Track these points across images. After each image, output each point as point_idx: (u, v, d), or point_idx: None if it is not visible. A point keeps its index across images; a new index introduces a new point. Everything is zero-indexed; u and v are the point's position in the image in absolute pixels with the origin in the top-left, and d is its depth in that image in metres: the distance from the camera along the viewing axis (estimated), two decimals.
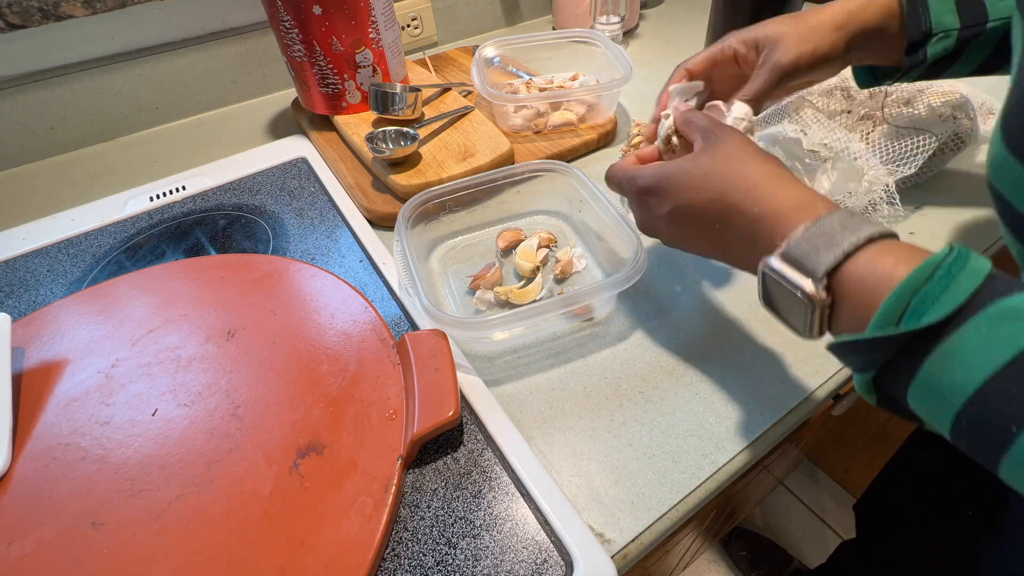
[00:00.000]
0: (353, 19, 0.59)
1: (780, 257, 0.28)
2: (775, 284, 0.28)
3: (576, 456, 0.38)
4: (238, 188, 0.62)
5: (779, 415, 0.40)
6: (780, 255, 0.28)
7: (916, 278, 0.23)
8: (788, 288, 0.27)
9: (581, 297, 0.42)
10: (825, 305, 0.26)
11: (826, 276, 0.26)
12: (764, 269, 0.29)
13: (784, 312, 0.30)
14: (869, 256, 0.25)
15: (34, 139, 0.70)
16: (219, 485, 0.34)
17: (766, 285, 0.30)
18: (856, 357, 0.25)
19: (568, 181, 0.53)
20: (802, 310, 0.27)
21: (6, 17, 0.61)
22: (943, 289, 0.22)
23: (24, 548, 0.31)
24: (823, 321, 0.27)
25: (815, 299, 0.26)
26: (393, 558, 0.33)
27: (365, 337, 0.41)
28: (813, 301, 0.26)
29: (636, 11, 0.94)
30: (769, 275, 0.28)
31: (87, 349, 0.42)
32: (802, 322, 0.28)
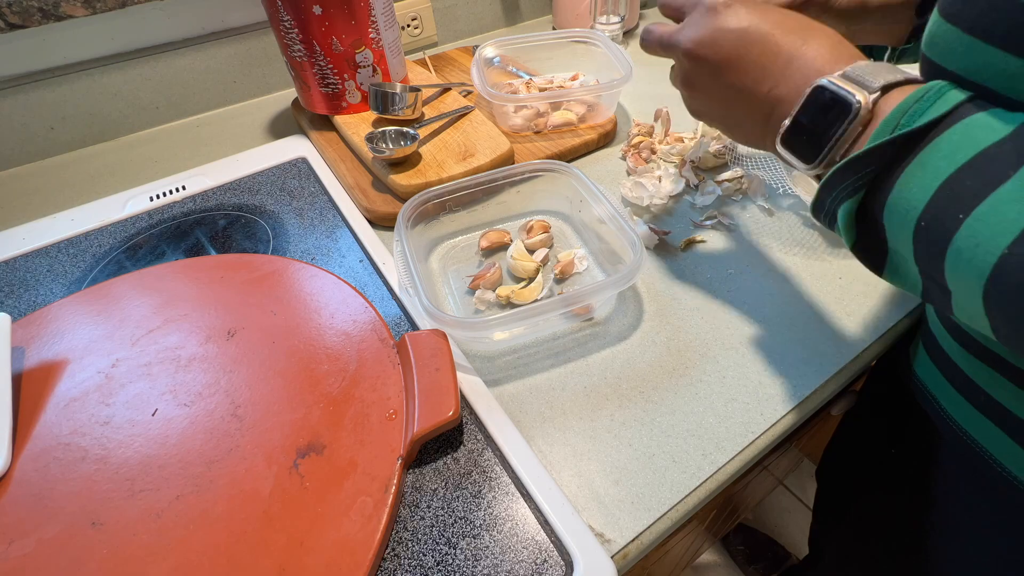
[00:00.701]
0: (353, 19, 0.59)
1: (841, 76, 0.29)
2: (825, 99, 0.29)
3: (576, 456, 0.38)
4: (238, 188, 0.62)
5: (779, 415, 0.40)
6: (841, 74, 0.29)
7: (910, 98, 0.26)
8: (842, 96, 0.28)
9: (581, 297, 0.42)
10: (866, 119, 0.28)
11: (881, 90, 0.28)
12: (819, 83, 0.30)
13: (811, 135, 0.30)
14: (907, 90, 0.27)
15: (34, 139, 0.70)
16: (219, 485, 0.34)
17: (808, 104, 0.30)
18: (855, 175, 0.27)
19: (568, 181, 0.53)
20: (838, 124, 0.29)
21: (6, 17, 0.61)
22: (930, 104, 0.25)
23: (24, 548, 0.31)
24: (847, 140, 0.29)
25: (863, 107, 0.28)
26: (393, 558, 0.33)
27: (365, 337, 0.41)
28: (861, 107, 0.28)
29: (636, 11, 0.94)
30: (824, 89, 0.29)
31: (87, 349, 0.42)
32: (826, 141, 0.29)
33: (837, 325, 0.46)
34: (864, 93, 0.28)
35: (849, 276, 0.49)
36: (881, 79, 0.28)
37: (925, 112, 0.25)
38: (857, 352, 0.44)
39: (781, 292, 0.48)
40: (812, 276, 0.49)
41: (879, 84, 0.28)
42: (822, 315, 0.46)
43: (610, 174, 0.63)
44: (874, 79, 0.28)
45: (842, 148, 0.29)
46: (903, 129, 0.25)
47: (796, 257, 0.51)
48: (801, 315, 0.46)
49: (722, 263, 0.51)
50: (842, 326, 0.45)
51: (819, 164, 0.30)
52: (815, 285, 0.49)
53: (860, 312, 0.46)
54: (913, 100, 0.26)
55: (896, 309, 0.47)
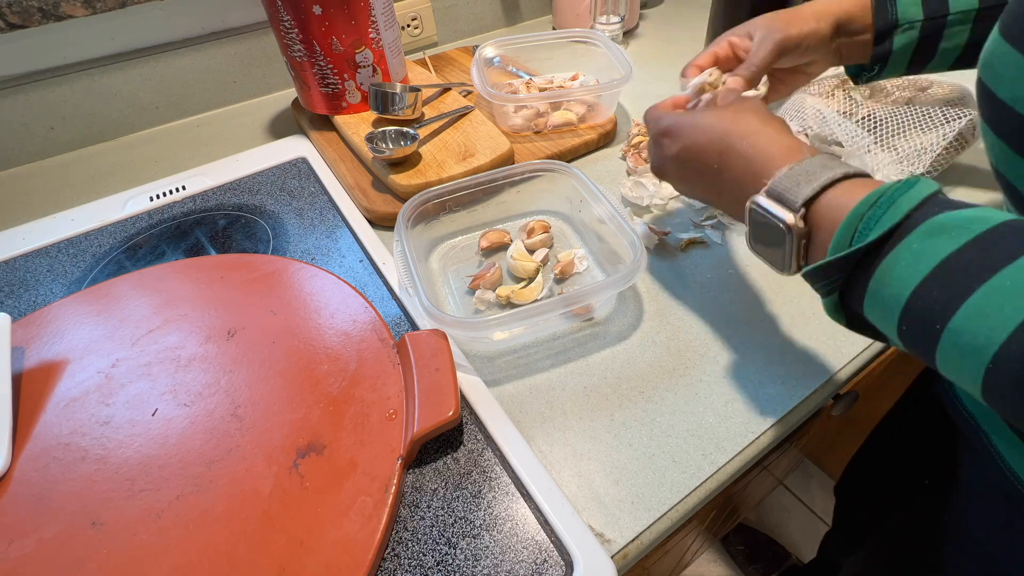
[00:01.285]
0: (353, 19, 0.59)
1: (765, 193, 0.31)
2: (760, 219, 0.31)
3: (576, 456, 0.38)
4: (238, 188, 0.62)
5: (779, 415, 0.40)
6: (765, 192, 0.31)
7: (864, 204, 0.26)
8: (772, 221, 0.30)
9: (581, 297, 0.42)
10: (802, 235, 0.29)
11: (804, 206, 0.29)
12: (751, 206, 0.32)
13: (767, 247, 0.32)
14: (841, 190, 0.28)
15: (34, 139, 0.70)
16: (219, 485, 0.34)
17: (753, 222, 0.32)
18: (823, 281, 0.29)
19: (568, 181, 0.53)
20: (783, 242, 0.30)
21: (6, 17, 0.61)
22: (883, 212, 0.26)
23: (24, 548, 0.31)
24: (799, 252, 0.30)
25: (794, 228, 0.29)
26: (393, 558, 0.33)
27: (365, 337, 0.41)
28: (792, 231, 0.29)
29: (636, 11, 0.94)
30: (756, 210, 0.31)
31: (87, 349, 0.42)
32: (782, 255, 0.31)
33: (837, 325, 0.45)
34: (789, 214, 0.29)
35: None
36: (801, 192, 0.29)
37: (879, 219, 0.26)
38: (857, 352, 0.44)
39: (781, 292, 0.48)
40: None
41: (801, 201, 0.29)
42: (822, 315, 0.46)
43: (610, 174, 0.63)
44: (794, 194, 0.29)
45: (799, 258, 0.31)
46: (858, 242, 0.26)
47: None
48: (801, 315, 0.46)
49: (722, 263, 0.51)
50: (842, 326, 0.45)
51: (788, 272, 0.32)
52: None
53: None
54: (865, 208, 0.26)
55: None
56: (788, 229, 0.29)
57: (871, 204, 0.26)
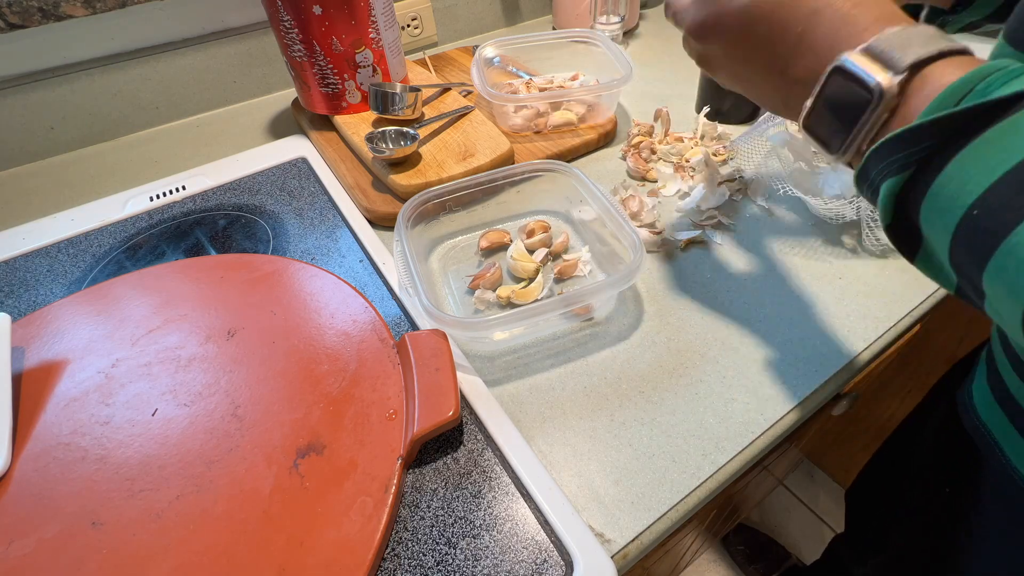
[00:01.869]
0: (353, 19, 0.59)
1: (862, 51, 0.25)
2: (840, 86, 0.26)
3: (576, 456, 0.38)
4: (238, 188, 0.62)
5: (779, 415, 0.40)
6: (863, 48, 0.25)
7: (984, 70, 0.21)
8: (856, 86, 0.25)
9: (581, 297, 0.42)
10: (892, 105, 0.24)
11: (909, 69, 0.23)
12: (836, 65, 0.26)
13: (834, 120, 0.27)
14: (957, 64, 0.23)
15: (34, 139, 0.70)
16: (219, 485, 0.34)
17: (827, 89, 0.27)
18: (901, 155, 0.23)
19: (568, 181, 0.53)
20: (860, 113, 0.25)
21: (6, 17, 0.61)
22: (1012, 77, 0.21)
23: (24, 548, 0.31)
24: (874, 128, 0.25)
25: (887, 92, 0.24)
26: (393, 558, 0.33)
27: (365, 337, 0.41)
28: (884, 95, 0.24)
29: (636, 11, 0.94)
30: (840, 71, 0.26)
31: (87, 349, 0.42)
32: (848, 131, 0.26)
33: (837, 325, 0.46)
34: (887, 75, 0.24)
35: (849, 276, 0.49)
36: (911, 54, 0.23)
37: (1006, 82, 0.21)
38: (857, 352, 0.44)
39: (781, 292, 0.48)
40: (812, 276, 0.49)
41: (907, 62, 0.23)
42: (822, 315, 0.46)
43: (610, 174, 0.63)
44: (902, 54, 0.24)
45: (867, 138, 0.26)
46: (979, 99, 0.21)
47: (796, 257, 0.51)
48: (801, 315, 0.46)
49: (722, 263, 0.51)
50: (842, 326, 0.45)
51: (844, 154, 0.27)
52: (815, 285, 0.49)
53: (860, 312, 0.46)
54: (989, 70, 0.21)
55: (897, 309, 0.47)
56: (880, 93, 0.24)
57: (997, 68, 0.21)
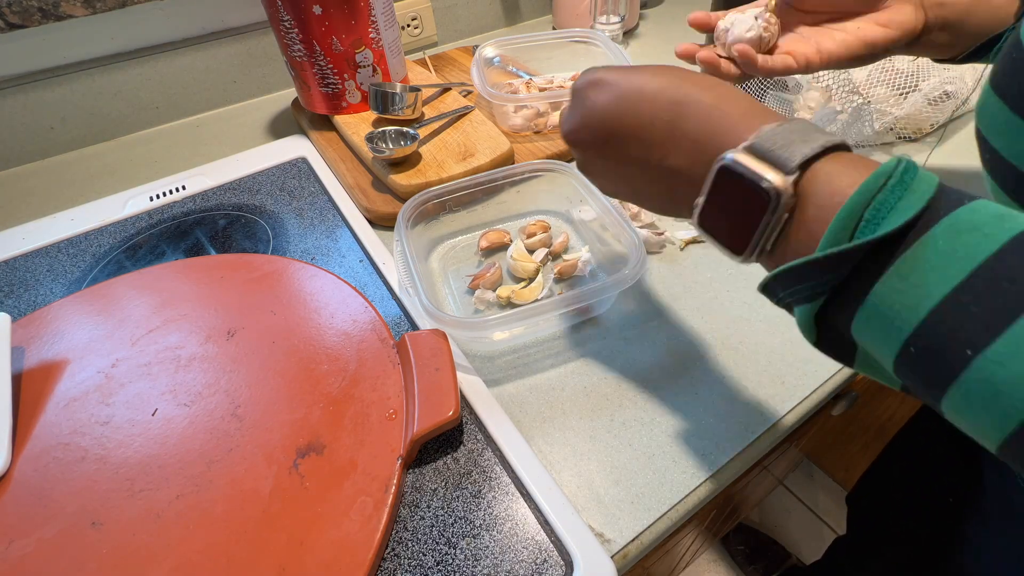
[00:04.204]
0: (353, 19, 0.59)
1: (746, 150, 0.24)
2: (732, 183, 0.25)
3: (576, 456, 0.38)
4: (238, 188, 0.62)
5: (779, 415, 0.40)
6: (746, 147, 0.24)
7: (869, 187, 0.21)
8: (750, 184, 0.23)
9: (581, 297, 0.42)
10: (789, 205, 0.23)
11: (799, 169, 0.23)
12: (723, 164, 0.25)
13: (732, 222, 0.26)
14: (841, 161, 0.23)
15: (34, 139, 0.70)
16: (219, 485, 0.34)
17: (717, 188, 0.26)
18: (805, 284, 0.23)
19: (568, 181, 0.53)
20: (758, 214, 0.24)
21: (6, 17, 0.61)
22: (898, 198, 0.20)
23: (24, 548, 0.31)
24: (775, 229, 0.24)
25: (784, 193, 0.23)
26: (393, 558, 0.33)
27: (365, 337, 0.41)
28: (780, 197, 0.23)
29: (636, 11, 0.94)
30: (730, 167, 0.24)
31: (87, 349, 0.42)
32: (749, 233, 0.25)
33: None
34: (779, 176, 0.23)
35: None
36: (797, 152, 0.23)
37: (894, 206, 0.20)
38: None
39: None
40: None
41: (796, 162, 0.23)
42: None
43: None
44: (788, 152, 0.23)
45: (770, 238, 0.25)
46: (870, 233, 0.20)
47: None
48: None
49: (722, 263, 0.51)
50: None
51: (749, 256, 0.26)
52: None
53: None
54: (875, 187, 0.21)
55: None
56: (775, 197, 0.23)
57: (880, 186, 0.20)
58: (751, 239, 0.25)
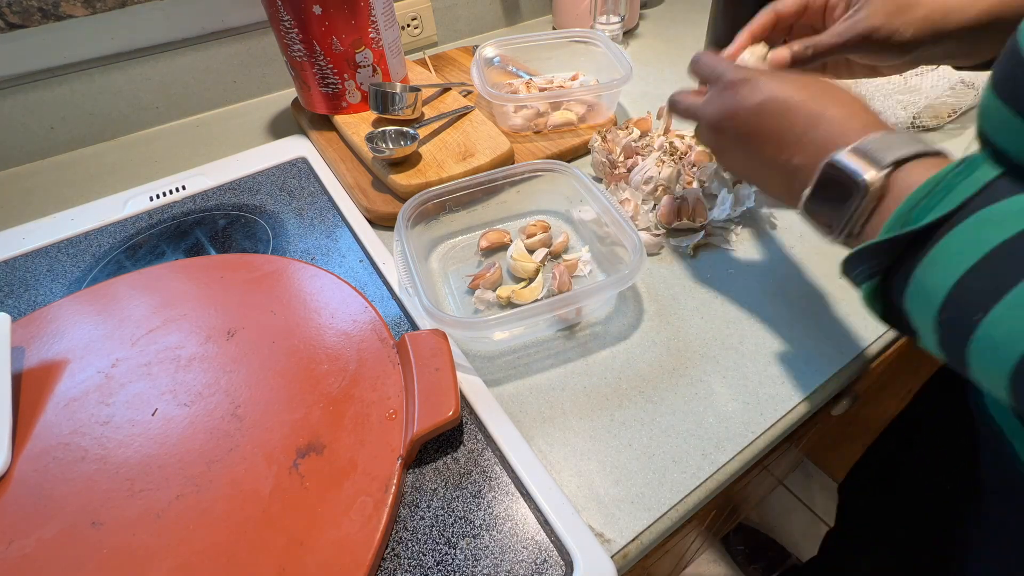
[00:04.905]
0: (353, 19, 0.59)
1: (850, 151, 0.30)
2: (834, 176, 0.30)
3: (576, 456, 0.38)
4: (238, 188, 0.62)
5: (779, 415, 0.40)
6: (851, 149, 0.30)
7: (924, 188, 0.26)
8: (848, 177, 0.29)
9: (581, 297, 0.42)
10: (876, 196, 0.28)
11: (891, 165, 0.28)
12: (831, 160, 0.30)
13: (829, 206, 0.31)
14: (926, 165, 0.28)
15: (34, 139, 0.70)
16: (219, 485, 0.34)
17: (823, 179, 0.31)
18: (867, 263, 0.28)
19: (568, 181, 0.53)
20: (849, 201, 0.29)
21: (6, 17, 0.61)
22: (941, 198, 0.25)
23: (24, 548, 0.31)
24: (863, 216, 0.29)
25: (872, 185, 0.28)
26: (393, 558, 0.33)
27: (365, 337, 0.41)
28: (869, 188, 0.28)
29: (636, 11, 0.94)
30: (834, 165, 0.30)
31: (87, 349, 0.42)
32: (840, 217, 0.30)
33: (837, 325, 0.46)
34: (873, 170, 0.28)
35: None
36: (892, 154, 0.28)
37: (935, 207, 0.25)
38: (858, 352, 0.44)
39: (781, 292, 0.48)
40: (812, 276, 0.49)
41: (889, 160, 0.28)
42: (822, 315, 0.46)
43: None
44: (885, 154, 0.28)
45: (859, 221, 0.30)
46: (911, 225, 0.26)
47: (796, 257, 0.51)
48: (801, 315, 0.46)
49: (722, 263, 0.51)
50: (842, 326, 0.45)
51: (839, 235, 0.31)
52: (815, 285, 0.49)
53: (860, 312, 0.46)
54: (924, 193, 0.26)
55: None
56: (865, 186, 0.28)
57: (930, 189, 0.26)
58: (841, 222, 0.30)
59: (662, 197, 0.54)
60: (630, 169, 0.58)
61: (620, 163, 0.59)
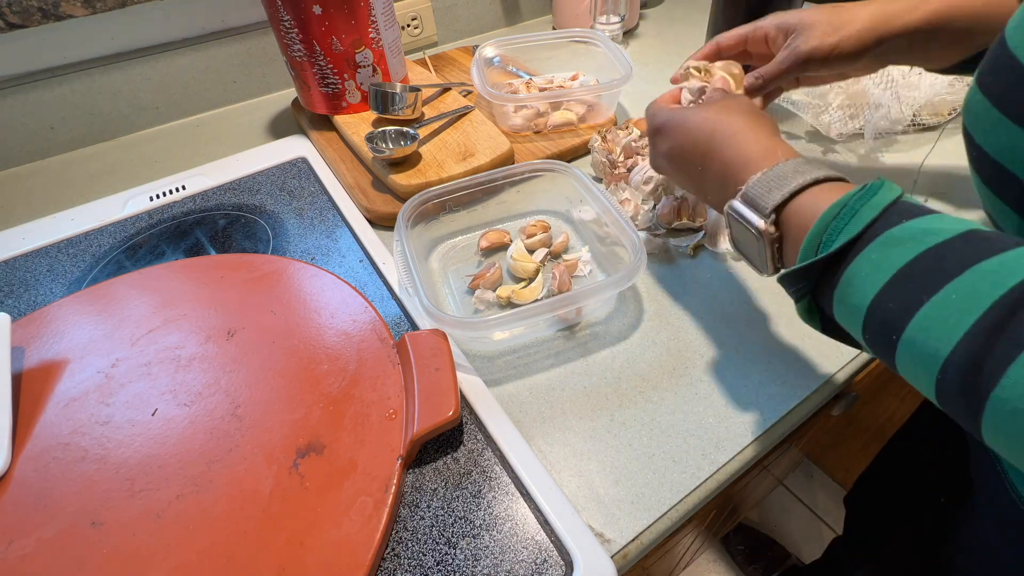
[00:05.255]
0: (353, 19, 0.59)
1: (740, 198, 0.32)
2: (736, 223, 0.32)
3: (576, 456, 0.38)
4: (238, 188, 0.62)
5: (779, 415, 0.40)
6: (740, 196, 0.32)
7: (828, 214, 0.27)
8: (744, 225, 0.31)
9: (581, 297, 0.42)
10: (773, 239, 0.30)
11: (773, 212, 0.30)
12: (727, 210, 0.32)
13: (745, 249, 0.34)
14: (811, 196, 0.29)
15: (34, 139, 0.70)
16: (219, 485, 0.34)
17: (731, 225, 0.33)
18: (794, 286, 0.30)
19: (568, 181, 0.53)
20: (757, 245, 0.31)
21: (6, 17, 0.61)
22: (846, 222, 0.26)
23: (24, 548, 0.31)
24: (774, 255, 0.31)
25: (765, 233, 0.30)
26: (393, 558, 0.33)
27: (365, 337, 0.41)
28: (763, 235, 0.30)
29: (636, 11, 0.94)
30: (731, 215, 0.32)
31: (87, 349, 0.42)
32: (758, 257, 0.32)
33: None
34: (761, 219, 0.30)
35: None
36: (772, 198, 0.30)
37: (842, 230, 0.26)
38: (857, 352, 0.44)
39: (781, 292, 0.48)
40: None
41: (771, 207, 0.30)
42: None
43: None
44: (766, 199, 0.30)
45: (774, 260, 0.32)
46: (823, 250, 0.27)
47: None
48: None
49: (721, 263, 0.51)
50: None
51: (763, 273, 0.33)
52: None
53: None
54: (831, 216, 0.27)
55: None
56: (760, 234, 0.30)
57: (835, 214, 0.27)
58: (760, 261, 0.32)
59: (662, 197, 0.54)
60: (630, 169, 0.58)
61: (620, 163, 0.59)
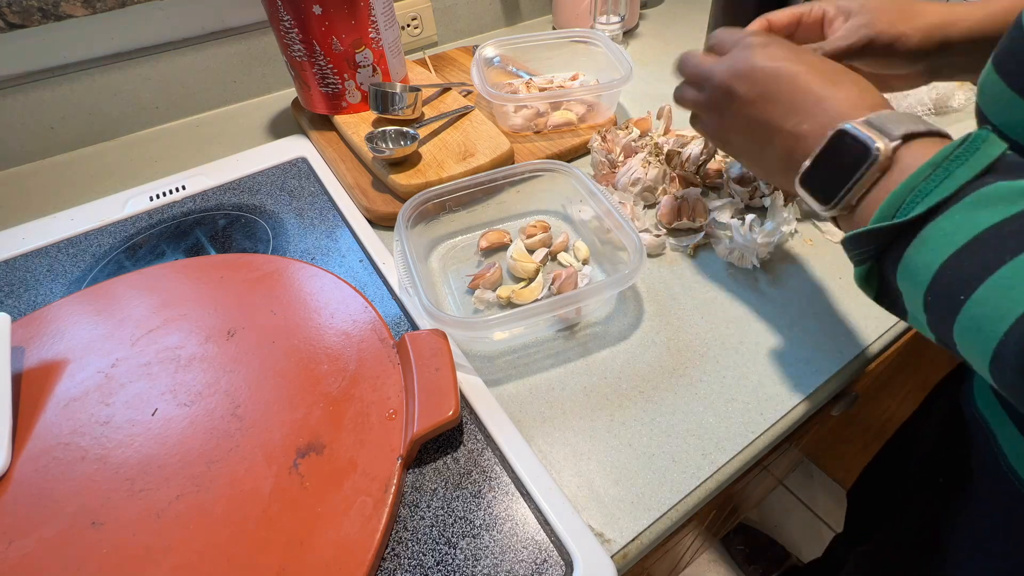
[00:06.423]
0: (353, 19, 0.59)
1: (865, 122, 0.30)
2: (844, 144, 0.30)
3: (576, 456, 0.38)
4: (238, 188, 0.62)
5: (779, 415, 0.40)
6: (865, 120, 0.30)
7: (922, 171, 0.26)
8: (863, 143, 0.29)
9: (581, 296, 0.42)
10: (884, 167, 0.28)
11: (902, 138, 0.28)
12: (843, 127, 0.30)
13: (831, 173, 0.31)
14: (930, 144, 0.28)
15: (34, 139, 0.70)
16: (219, 485, 0.34)
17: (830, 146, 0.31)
18: (861, 248, 0.29)
19: (568, 181, 0.53)
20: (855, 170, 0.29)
21: (6, 17, 0.61)
22: (937, 184, 0.25)
23: (24, 548, 0.31)
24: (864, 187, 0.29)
25: (882, 153, 0.28)
26: (393, 558, 0.33)
27: (365, 337, 0.41)
28: (879, 156, 0.28)
29: (636, 11, 0.94)
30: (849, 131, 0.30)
31: (87, 349, 0.42)
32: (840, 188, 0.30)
33: (837, 325, 0.46)
34: (885, 141, 0.28)
35: (849, 276, 0.49)
36: (903, 128, 0.28)
37: (931, 192, 0.25)
38: (857, 351, 0.44)
39: (780, 292, 0.48)
40: (811, 276, 0.49)
41: (900, 133, 0.28)
42: (822, 315, 0.46)
43: None
44: (896, 128, 0.29)
45: (859, 193, 0.30)
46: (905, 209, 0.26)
47: (795, 257, 0.51)
48: (801, 315, 0.46)
49: (721, 263, 0.51)
50: (842, 325, 0.45)
51: (834, 207, 0.31)
52: (815, 285, 0.49)
53: (860, 311, 0.46)
54: (922, 176, 0.26)
55: None
56: (876, 155, 0.28)
57: (929, 173, 0.26)
58: (840, 191, 0.30)
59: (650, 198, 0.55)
60: None
61: (620, 163, 0.59)
